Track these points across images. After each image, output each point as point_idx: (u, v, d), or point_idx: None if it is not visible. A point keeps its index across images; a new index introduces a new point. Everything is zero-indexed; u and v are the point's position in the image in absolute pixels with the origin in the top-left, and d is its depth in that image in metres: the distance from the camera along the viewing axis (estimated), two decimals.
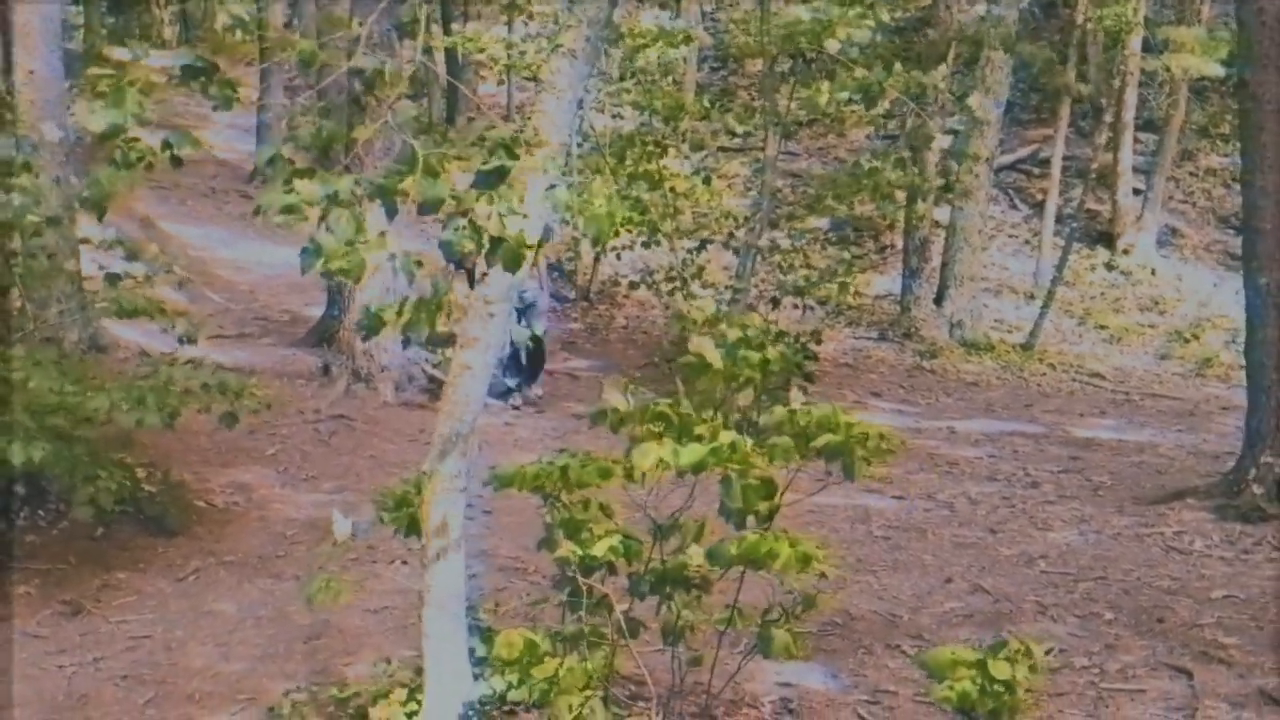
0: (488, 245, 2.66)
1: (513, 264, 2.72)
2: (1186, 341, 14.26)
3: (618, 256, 12.08)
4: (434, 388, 8.73)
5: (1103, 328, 14.48)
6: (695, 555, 3.73)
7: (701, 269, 11.26)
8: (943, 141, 13.22)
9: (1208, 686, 4.28)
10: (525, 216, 2.73)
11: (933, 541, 6.35)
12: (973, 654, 3.13)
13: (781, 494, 3.10)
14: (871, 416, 10.14)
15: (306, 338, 9.75)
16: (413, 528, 3.63)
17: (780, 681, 4.43)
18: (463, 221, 2.65)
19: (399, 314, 2.91)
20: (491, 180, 2.65)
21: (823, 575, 3.19)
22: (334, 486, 7.02)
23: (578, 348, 11.69)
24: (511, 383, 9.22)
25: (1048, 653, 4.79)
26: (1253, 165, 6.89)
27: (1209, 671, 4.43)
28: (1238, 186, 18.06)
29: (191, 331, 5.75)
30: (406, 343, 7.16)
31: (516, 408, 9.23)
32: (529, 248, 2.75)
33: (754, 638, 3.71)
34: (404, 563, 5.55)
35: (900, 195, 12.38)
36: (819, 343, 10.32)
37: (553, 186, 2.90)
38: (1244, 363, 7.14)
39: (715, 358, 3.44)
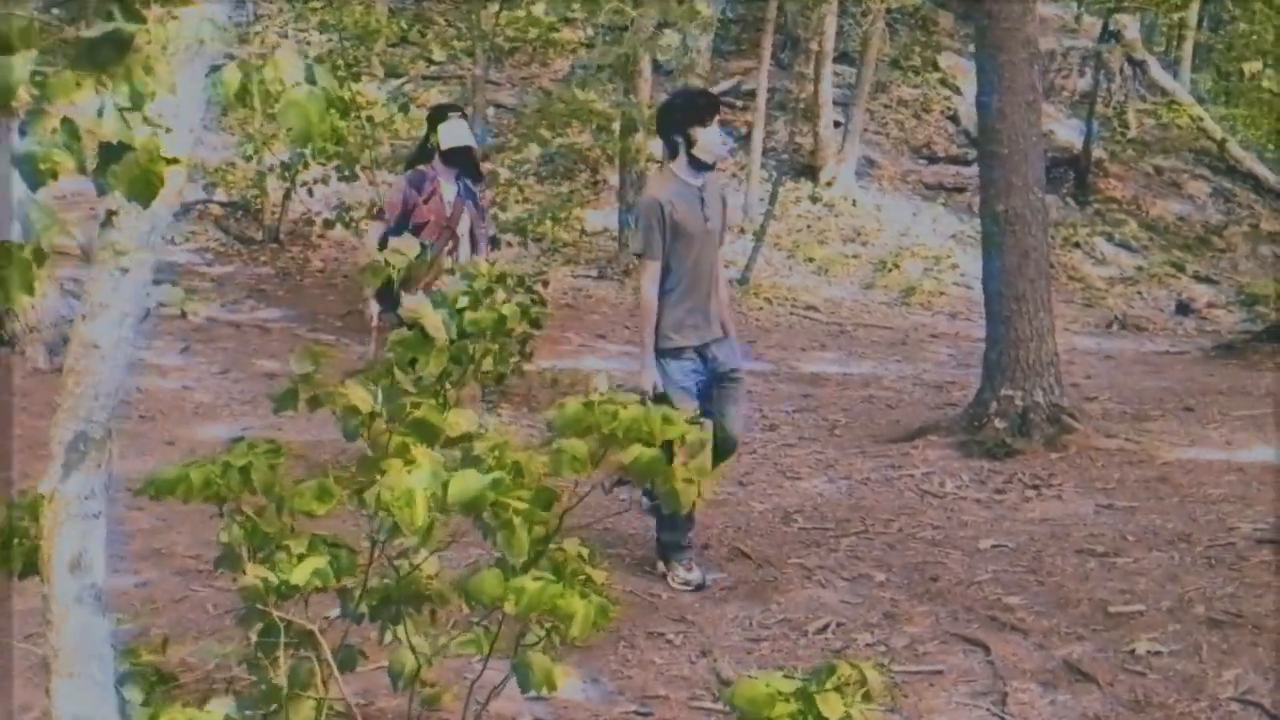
0: (97, 158, 1.69)
1: (142, 190, 1.76)
2: (889, 271, 14.46)
3: (310, 192, 10.81)
4: None
5: (811, 260, 14.47)
6: (429, 565, 2.90)
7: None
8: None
9: (1008, 662, 3.87)
10: (159, 118, 1.77)
11: None
12: (791, 684, 2.45)
13: (564, 511, 2.30)
14: (599, 361, 9.51)
15: None
16: (29, 567, 2.60)
17: (532, 697, 3.68)
18: (54, 122, 1.67)
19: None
20: (103, 54, 1.68)
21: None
22: None
23: (268, 295, 10.39)
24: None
25: (824, 629, 4.29)
26: (989, 87, 6.61)
27: (1004, 643, 4.03)
28: (928, 117, 18.66)
29: None
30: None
31: None
32: (168, 164, 1.79)
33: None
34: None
35: (615, 126, 11.75)
36: (546, 285, 9.55)
37: (217, 67, 1.92)
38: (949, 291, 6.97)
39: (437, 326, 2.56)
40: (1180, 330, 13.73)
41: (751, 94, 16.33)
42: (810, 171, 16.35)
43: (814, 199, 15.97)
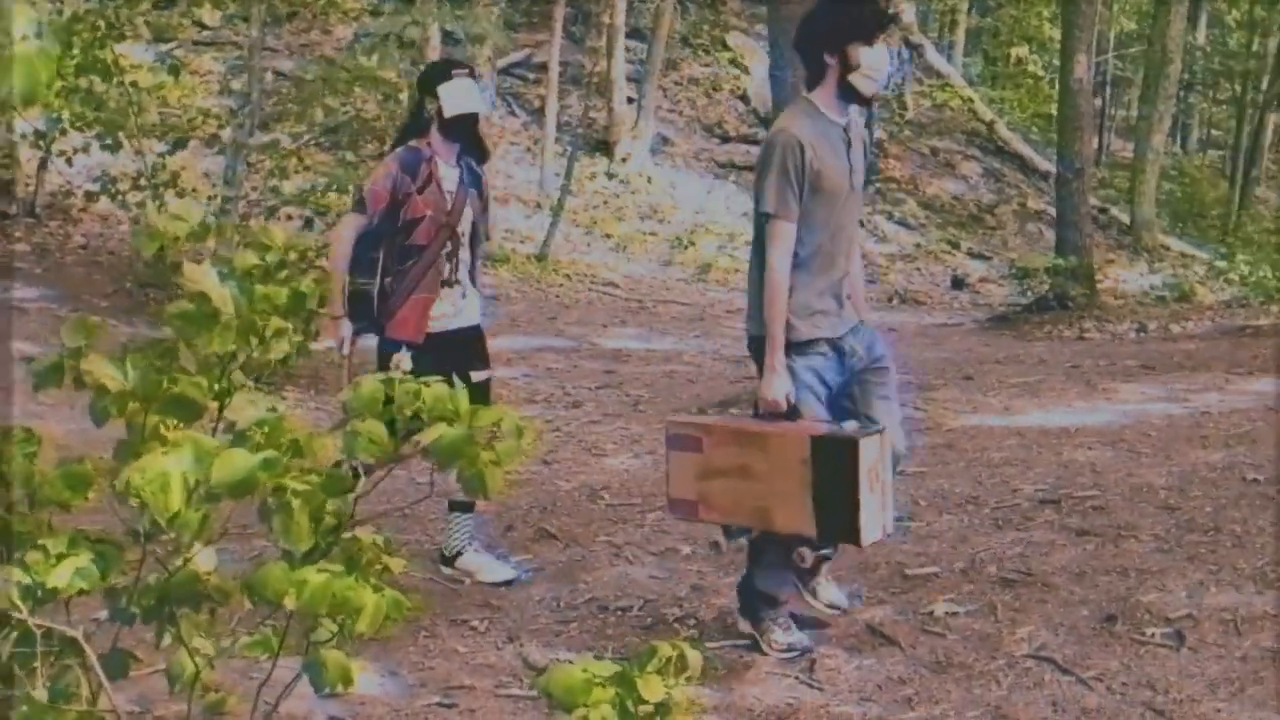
0: None
1: None
2: (686, 248, 14.59)
3: (69, 161, 10.03)
4: None
5: (609, 236, 14.46)
6: (205, 560, 2.65)
7: (177, 175, 9.57)
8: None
9: (817, 630, 3.86)
10: None
11: None
12: (609, 668, 2.33)
13: (357, 497, 2.10)
14: None
15: None
16: None
17: (326, 695, 3.45)
18: None
19: None
20: None
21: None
22: None
23: (25, 274, 9.59)
24: None
25: (632, 607, 4.21)
26: (782, 62, 6.64)
27: (810, 609, 4.03)
28: (719, 96, 18.90)
29: None
30: None
31: None
32: None
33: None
34: None
35: (403, 96, 11.36)
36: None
37: None
38: (743, 268, 7.04)
39: (223, 298, 2.30)
40: (956, 304, 14.37)
41: (543, 67, 16.17)
42: (605, 147, 16.33)
43: (610, 175, 15.96)
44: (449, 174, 4.36)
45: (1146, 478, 5.28)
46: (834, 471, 3.37)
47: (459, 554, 4.49)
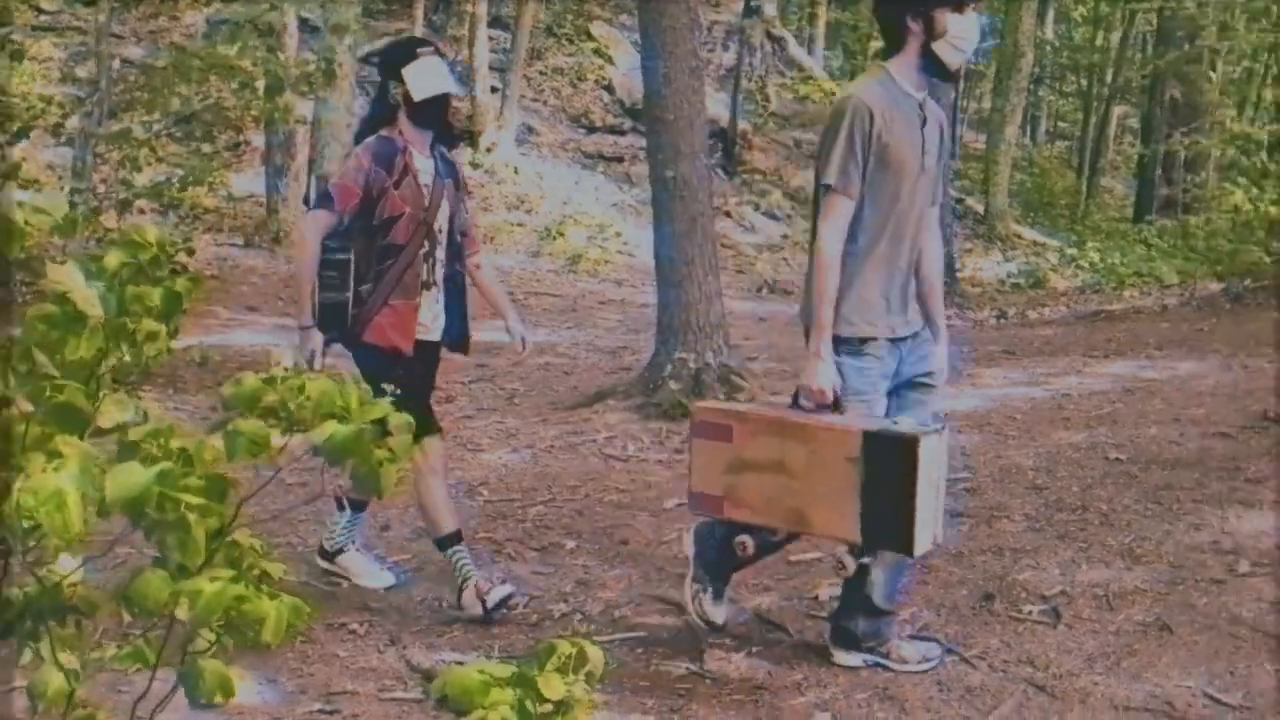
0: None
1: None
2: (555, 239, 14.50)
3: None
4: None
5: (476, 227, 14.29)
6: (66, 568, 2.49)
7: (18, 166, 9.07)
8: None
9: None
10: None
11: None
12: (506, 668, 2.26)
13: (242, 501, 1.98)
14: (253, 335, 8.89)
15: None
16: None
17: (203, 707, 3.30)
18: None
19: None
20: None
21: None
22: None
23: None
24: None
25: (511, 604, 4.14)
26: (653, 53, 6.63)
27: None
28: (584, 86, 18.83)
29: None
30: None
31: None
32: None
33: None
34: None
35: (260, 85, 11.00)
36: (191, 254, 8.80)
37: None
38: (613, 259, 7.04)
39: (89, 300, 2.16)
40: None
41: None
42: (470, 137, 16.12)
43: (475, 165, 15.75)
44: (424, 165, 3.97)
45: (1015, 459, 5.43)
46: (888, 472, 3.01)
47: (340, 551, 4.35)
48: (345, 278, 3.88)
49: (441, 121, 4.03)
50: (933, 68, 3.21)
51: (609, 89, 18.39)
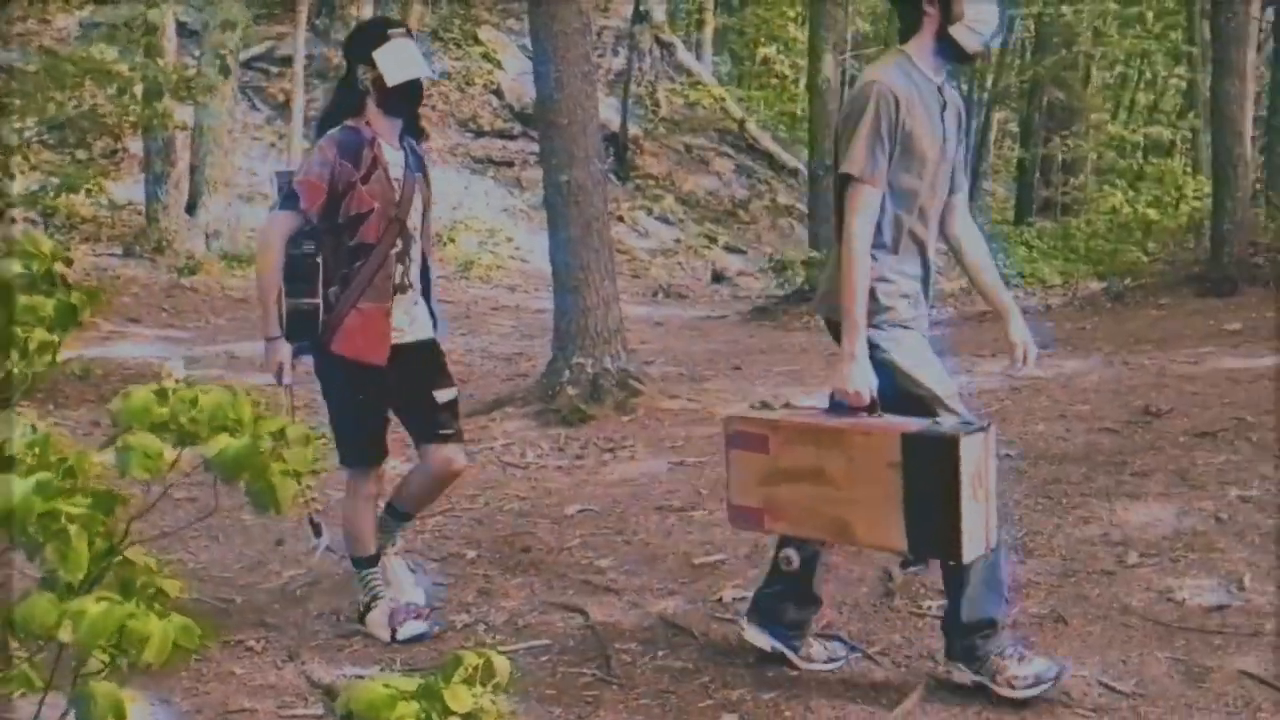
0: None
1: None
2: (446, 245, 14.35)
3: None
4: None
5: None
6: None
7: None
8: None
9: (607, 624, 3.84)
10: None
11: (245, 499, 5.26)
12: (412, 681, 2.21)
13: (134, 517, 1.90)
14: (136, 347, 8.61)
15: None
16: None
17: None
18: None
19: None
20: None
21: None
22: None
23: None
24: None
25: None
26: (545, 57, 6.60)
27: (601, 605, 4.00)
28: (472, 90, 18.68)
29: None
30: None
31: None
32: None
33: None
34: None
35: (138, 90, 10.69)
36: (70, 264, 8.46)
37: None
38: (506, 265, 6.99)
39: None
40: (717, 297, 14.72)
41: (288, 60, 15.57)
42: None
43: None
44: (394, 158, 3.70)
45: None
46: (930, 476, 2.87)
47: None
48: (314, 281, 3.63)
49: (413, 110, 3.78)
50: (949, 51, 3.09)
51: (498, 93, 18.29)
